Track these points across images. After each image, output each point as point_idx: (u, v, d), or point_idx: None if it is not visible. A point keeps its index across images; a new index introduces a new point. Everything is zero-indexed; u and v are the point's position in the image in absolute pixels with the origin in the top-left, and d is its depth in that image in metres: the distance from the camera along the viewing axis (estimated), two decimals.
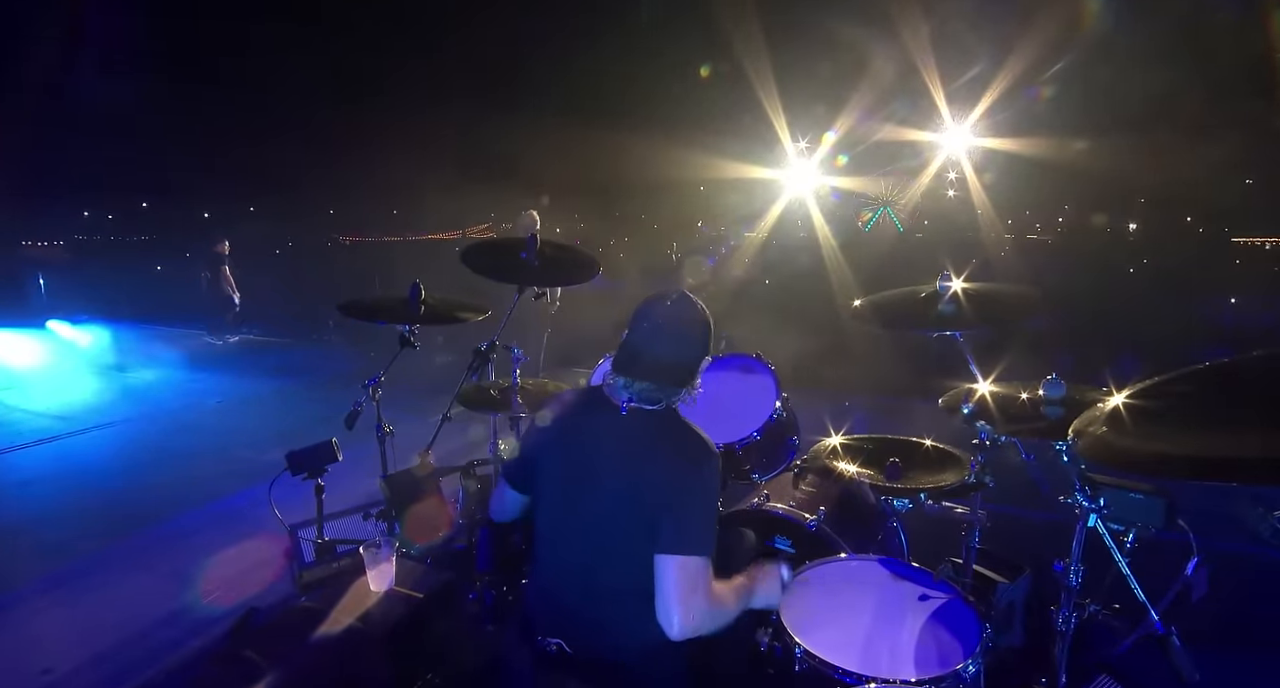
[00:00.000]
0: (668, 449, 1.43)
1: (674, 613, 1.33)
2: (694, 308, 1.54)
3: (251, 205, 22.90)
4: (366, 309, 2.41)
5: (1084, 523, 1.70)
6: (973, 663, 1.47)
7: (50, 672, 2.45)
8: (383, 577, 2.01)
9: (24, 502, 4.23)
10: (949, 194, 22.72)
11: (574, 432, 1.52)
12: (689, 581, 1.34)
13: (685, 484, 1.39)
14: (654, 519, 1.36)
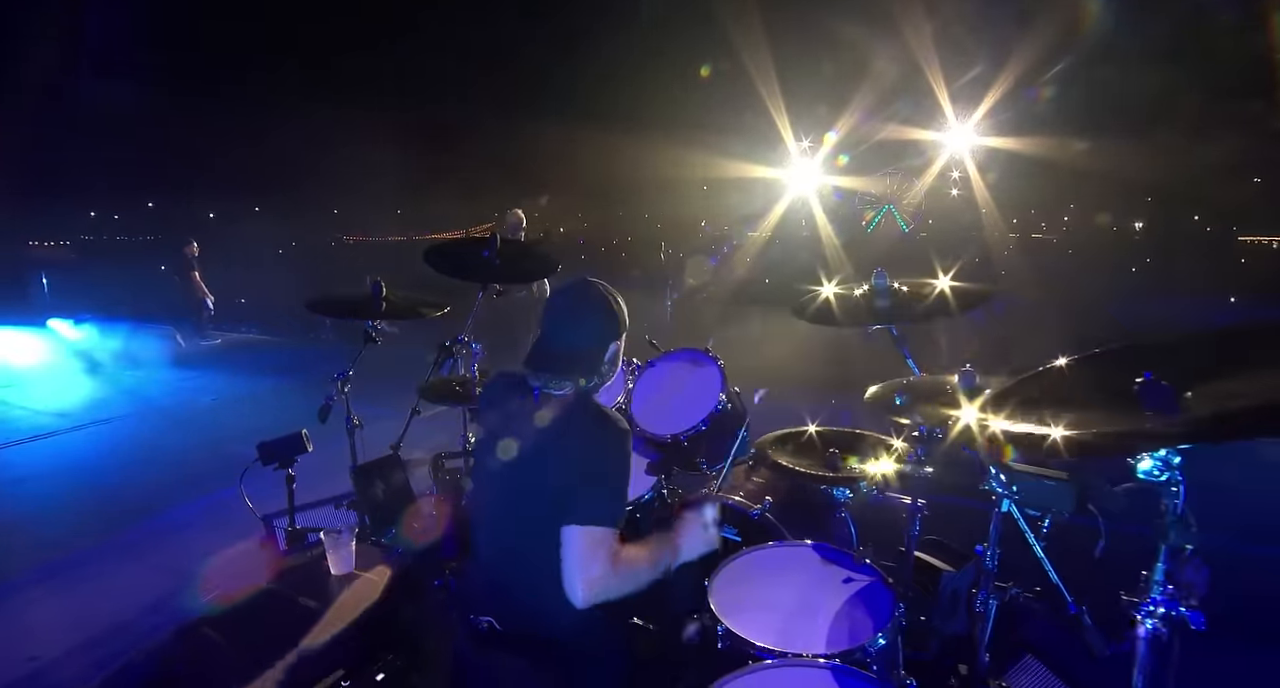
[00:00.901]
0: (577, 432, 1.51)
1: (577, 581, 1.41)
2: (590, 299, 1.61)
3: (256, 205, 23.07)
4: (332, 306, 2.51)
5: (999, 509, 1.78)
6: (882, 636, 1.55)
7: (36, 659, 2.56)
8: (342, 561, 2.11)
9: (20, 497, 4.36)
10: (952, 193, 22.65)
11: (498, 418, 1.61)
12: (590, 549, 1.42)
13: (593, 463, 1.47)
14: (566, 498, 1.44)
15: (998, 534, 1.80)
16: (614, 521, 1.46)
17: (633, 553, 1.50)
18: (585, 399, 1.57)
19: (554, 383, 1.55)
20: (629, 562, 1.48)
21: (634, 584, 1.49)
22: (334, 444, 2.71)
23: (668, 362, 2.45)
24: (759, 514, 2.22)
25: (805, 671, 1.44)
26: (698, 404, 2.24)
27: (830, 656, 1.49)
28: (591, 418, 1.51)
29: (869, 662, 1.52)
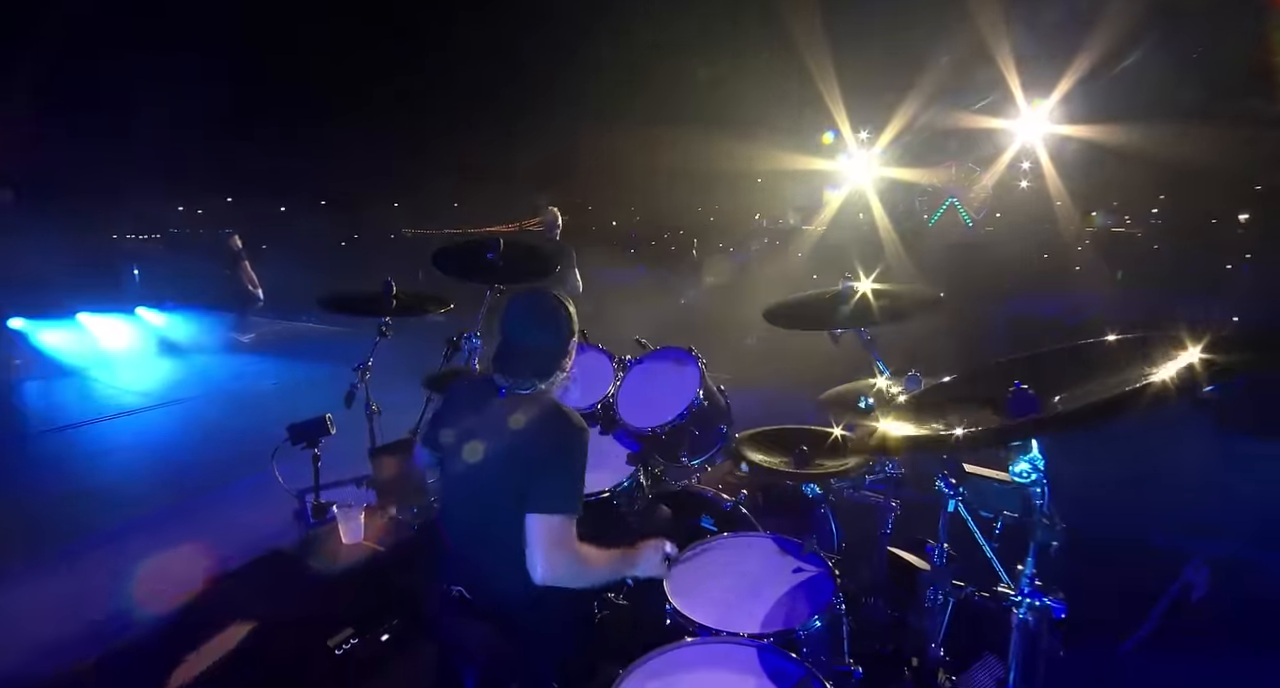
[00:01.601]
0: (537, 427, 1.67)
1: (538, 563, 1.59)
2: (548, 306, 1.78)
3: (322, 199, 24.21)
4: (345, 304, 2.76)
5: (946, 508, 1.84)
6: (818, 619, 1.66)
7: (109, 599, 2.94)
8: (351, 532, 2.36)
9: (105, 468, 4.90)
10: (1021, 185, 21.24)
11: (468, 411, 1.80)
12: (551, 536, 1.59)
13: (550, 456, 1.64)
14: (526, 485, 1.61)
15: (946, 532, 1.86)
16: (570, 509, 1.63)
17: (591, 552, 1.67)
18: (545, 398, 1.74)
19: (520, 383, 1.73)
20: (586, 557, 1.65)
21: (586, 579, 1.67)
22: (351, 426, 3.00)
23: (653, 359, 2.59)
24: (731, 506, 2.34)
25: (733, 648, 1.56)
26: (676, 400, 2.37)
27: (763, 636, 1.61)
28: (551, 415, 1.69)
29: (800, 644, 1.63)
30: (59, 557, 3.41)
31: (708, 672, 1.48)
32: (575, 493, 1.67)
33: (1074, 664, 2.04)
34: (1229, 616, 2.34)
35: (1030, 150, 17.96)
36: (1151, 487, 3.68)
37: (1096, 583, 2.56)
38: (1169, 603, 2.27)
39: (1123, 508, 3.39)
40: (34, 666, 2.50)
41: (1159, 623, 2.24)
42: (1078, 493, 3.36)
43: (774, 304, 2.18)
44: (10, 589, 3.09)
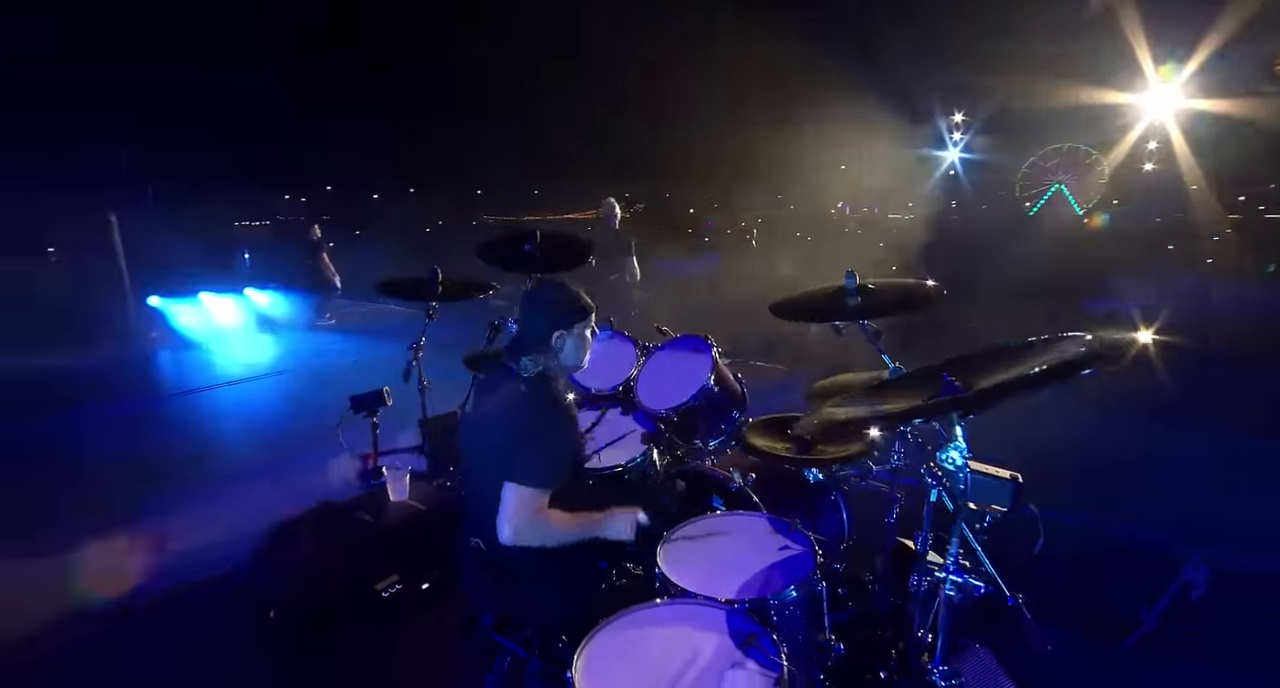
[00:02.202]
0: (524, 404, 1.89)
1: (504, 526, 1.81)
2: (543, 297, 1.99)
3: (411, 187, 25.53)
4: (397, 288, 3.07)
5: (929, 497, 1.89)
6: (794, 590, 1.77)
7: (203, 542, 3.43)
8: (397, 491, 2.67)
9: (215, 433, 5.59)
10: (1145, 168, 18.91)
11: (487, 389, 2.03)
12: (519, 504, 1.79)
13: (531, 432, 1.84)
14: (509, 457, 1.82)
15: (930, 520, 1.91)
16: (543, 483, 1.82)
17: (556, 516, 1.86)
18: (542, 381, 1.94)
19: (520, 365, 1.94)
20: (550, 521, 1.84)
21: (552, 541, 1.86)
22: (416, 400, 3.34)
23: (673, 347, 2.74)
24: (737, 487, 2.46)
25: (705, 610, 1.71)
26: (689, 384, 2.51)
27: (736, 602, 1.74)
28: (538, 396, 1.89)
29: (772, 612, 1.75)
30: (181, 501, 3.99)
31: (677, 628, 1.64)
32: (550, 468, 1.85)
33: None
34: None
35: (1159, 128, 15.86)
36: (1155, 485, 3.56)
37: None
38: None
39: (1124, 506, 3.28)
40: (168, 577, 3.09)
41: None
42: (1078, 492, 3.31)
43: (781, 298, 2.27)
44: (150, 521, 3.69)
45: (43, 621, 2.84)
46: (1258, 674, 2.17)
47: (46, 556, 3.33)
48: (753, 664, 1.48)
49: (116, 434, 5.42)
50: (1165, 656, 2.13)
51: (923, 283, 2.08)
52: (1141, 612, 2.30)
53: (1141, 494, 3.42)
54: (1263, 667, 2.19)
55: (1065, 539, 2.20)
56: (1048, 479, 3.26)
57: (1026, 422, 4.32)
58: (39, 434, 5.37)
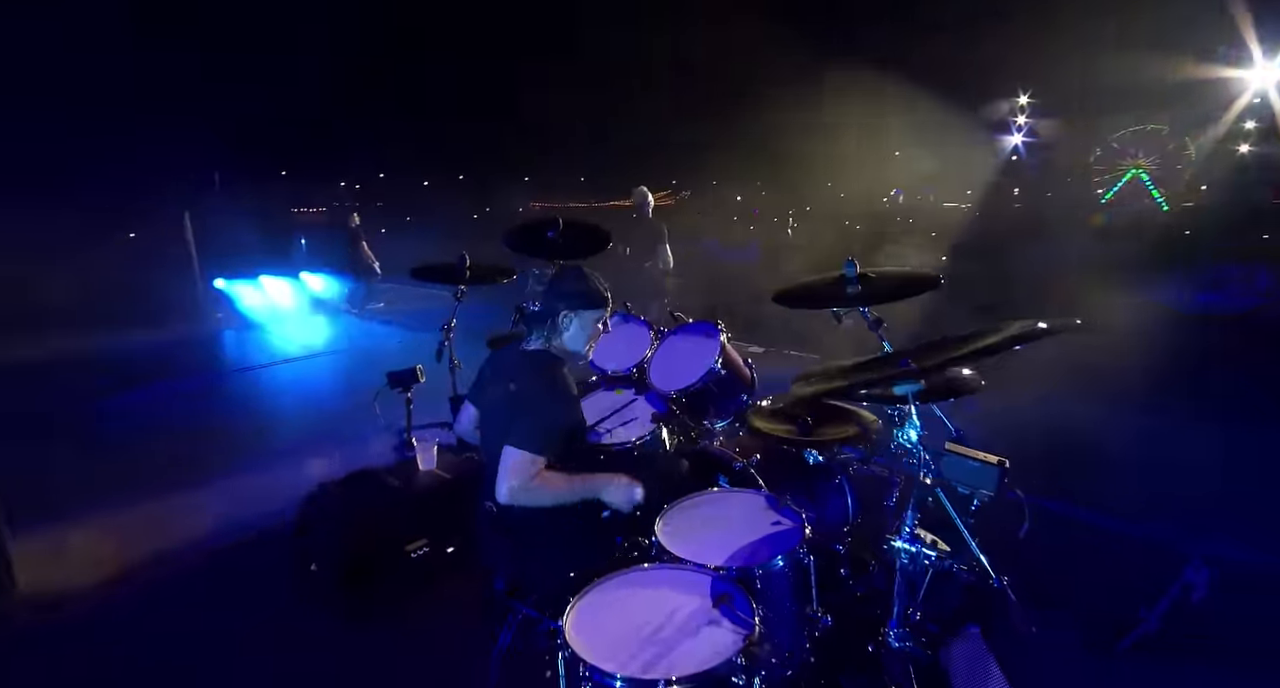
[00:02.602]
0: (528, 375, 2.05)
1: (502, 487, 1.96)
2: (558, 280, 2.15)
3: (460, 175, 26.09)
4: (429, 273, 3.26)
5: (916, 480, 1.96)
6: (781, 559, 1.88)
7: (274, 514, 3.73)
8: (425, 461, 2.89)
9: (274, 407, 6.00)
10: (1239, 150, 17.07)
11: (500, 362, 2.20)
12: (517, 467, 1.94)
13: (532, 400, 1.98)
14: (511, 422, 1.98)
15: (915, 501, 1.98)
16: (537, 449, 1.96)
17: (550, 478, 1.99)
18: (547, 356, 2.08)
19: (528, 340, 2.10)
20: (544, 483, 1.98)
21: (547, 500, 2.00)
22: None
23: (685, 331, 2.85)
24: (741, 466, 2.56)
25: (692, 574, 1.83)
26: (698, 367, 2.62)
27: (722, 568, 1.86)
28: (542, 368, 2.04)
29: (756, 580, 1.86)
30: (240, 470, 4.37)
31: (664, 589, 1.77)
32: (545, 435, 1.99)
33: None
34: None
35: (1260, 106, 14.25)
36: (1158, 480, 3.51)
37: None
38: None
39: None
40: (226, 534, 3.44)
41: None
42: (1066, 481, 3.27)
43: (784, 287, 2.35)
44: (213, 486, 4.09)
45: (126, 565, 3.23)
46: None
47: (128, 511, 3.75)
48: (726, 622, 1.60)
49: (188, 406, 5.92)
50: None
51: (924, 271, 2.12)
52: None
53: (1137, 485, 3.39)
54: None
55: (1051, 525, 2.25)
56: (1039, 468, 3.28)
57: (1028, 412, 4.31)
58: (121, 406, 5.90)
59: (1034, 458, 3.51)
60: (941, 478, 1.88)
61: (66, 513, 3.67)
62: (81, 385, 6.27)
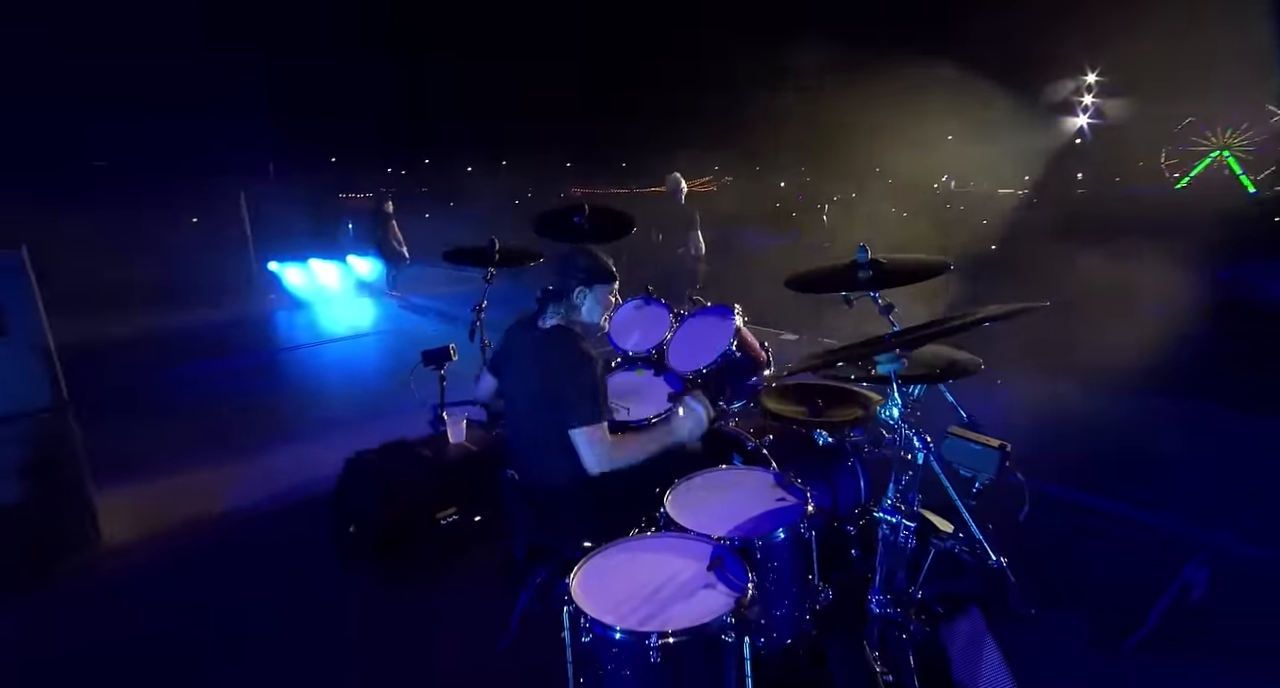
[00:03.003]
0: (554, 351, 2.16)
1: (590, 462, 2.10)
2: (569, 259, 2.27)
3: (504, 160, 26.45)
4: (461, 256, 3.41)
5: (918, 461, 2.00)
6: (782, 532, 1.96)
7: (317, 480, 3.97)
8: (455, 434, 3.05)
9: (322, 384, 6.32)
10: None
11: (517, 339, 2.32)
12: (590, 441, 2.08)
13: (570, 375, 2.11)
14: (554, 399, 2.09)
15: (918, 481, 2.02)
16: (596, 418, 2.10)
17: (625, 440, 2.15)
18: (567, 332, 2.20)
19: (544, 316, 2.22)
20: (622, 446, 2.13)
21: (630, 459, 2.14)
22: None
23: (704, 314, 2.92)
24: (754, 446, 2.64)
25: (695, 543, 1.93)
26: (713, 349, 2.70)
27: (724, 538, 1.95)
28: (564, 342, 2.15)
29: (756, 551, 1.95)
30: (288, 439, 4.69)
31: (666, 555, 1.88)
32: (596, 404, 2.12)
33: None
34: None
35: None
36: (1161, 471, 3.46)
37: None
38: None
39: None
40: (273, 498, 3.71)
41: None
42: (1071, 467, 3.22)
43: (796, 273, 2.40)
44: (258, 458, 4.38)
45: (191, 520, 3.56)
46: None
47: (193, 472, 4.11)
48: (721, 586, 1.70)
49: (243, 380, 6.30)
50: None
51: (931, 257, 2.14)
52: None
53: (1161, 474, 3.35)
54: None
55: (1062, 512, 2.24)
56: (1066, 457, 3.24)
57: (1067, 400, 4.23)
58: (185, 378, 6.33)
59: (1064, 447, 3.51)
60: (944, 460, 1.93)
61: (140, 474, 4.03)
62: (152, 359, 6.75)
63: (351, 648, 2.59)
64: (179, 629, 2.73)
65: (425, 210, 16.17)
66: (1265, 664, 2.14)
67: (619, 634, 1.56)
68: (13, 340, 2.97)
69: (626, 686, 1.58)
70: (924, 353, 2.05)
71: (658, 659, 1.54)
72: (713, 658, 1.59)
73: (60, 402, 3.13)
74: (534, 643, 2.34)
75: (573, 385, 2.10)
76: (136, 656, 2.58)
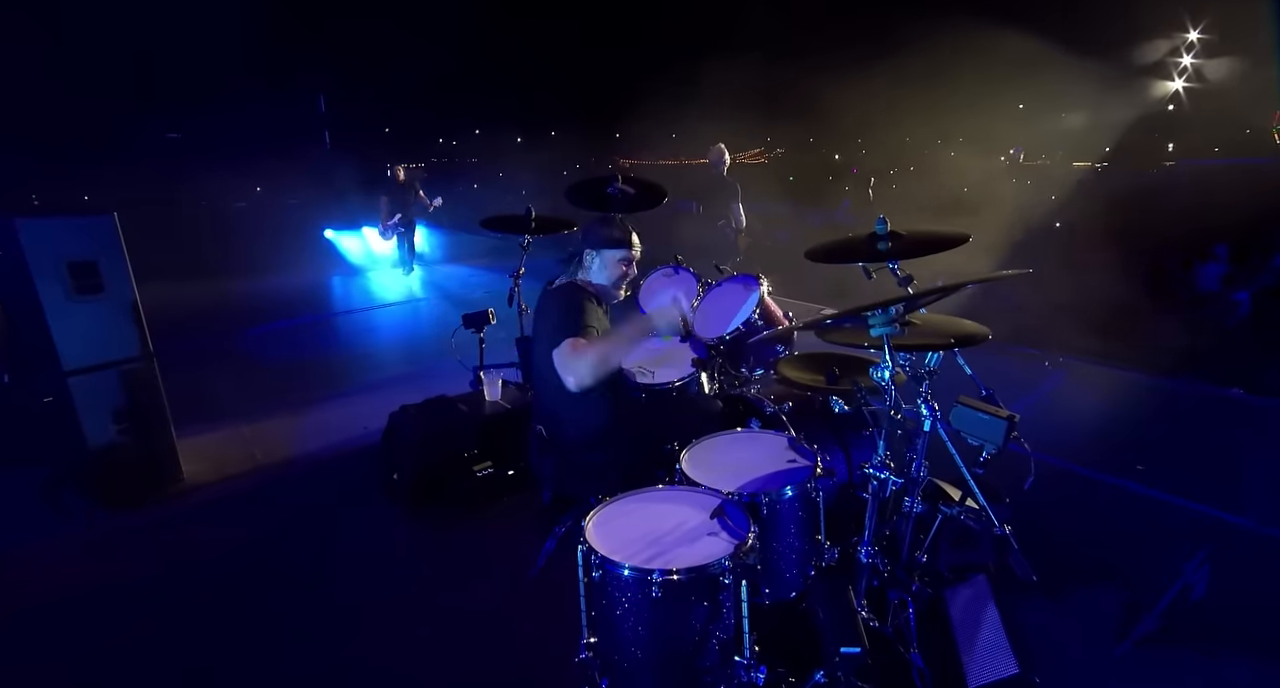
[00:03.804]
0: (555, 299, 2.34)
1: (567, 378, 2.16)
2: (591, 224, 2.43)
3: (552, 130, 26.52)
4: (498, 223, 3.56)
5: (924, 428, 2.05)
6: (790, 489, 2.06)
7: (367, 430, 4.29)
8: (490, 392, 3.25)
9: (371, 346, 6.69)
10: None
11: (539, 299, 2.48)
12: (562, 354, 2.16)
13: (559, 310, 2.27)
14: (552, 338, 2.23)
15: (925, 448, 2.08)
16: (569, 331, 2.18)
17: (594, 344, 2.17)
18: (570, 285, 2.38)
19: (563, 274, 2.37)
20: (588, 349, 2.15)
21: (607, 364, 2.15)
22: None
23: (730, 283, 3.00)
24: (772, 411, 2.73)
25: (705, 496, 2.05)
26: (736, 317, 2.79)
27: (732, 493, 2.07)
28: (566, 291, 2.33)
29: (762, 506, 2.06)
30: (343, 393, 5.04)
31: (676, 505, 2.01)
32: (572, 320, 2.21)
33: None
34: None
35: None
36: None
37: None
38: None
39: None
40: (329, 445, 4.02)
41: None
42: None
43: (817, 244, 2.44)
44: (316, 410, 4.74)
45: (258, 463, 3.90)
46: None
47: (259, 421, 4.49)
48: (724, 534, 1.82)
49: (302, 340, 6.73)
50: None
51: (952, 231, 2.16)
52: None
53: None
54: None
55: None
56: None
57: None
58: (251, 338, 6.80)
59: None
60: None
61: (214, 421, 4.42)
62: (220, 319, 7.28)
63: (394, 575, 2.86)
64: (245, 553, 3.05)
65: (475, 181, 16.52)
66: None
67: (626, 571, 1.71)
68: (107, 296, 3.29)
69: (630, 618, 1.73)
70: (935, 322, 2.09)
71: (659, 595, 1.68)
72: (710, 598, 1.73)
73: (147, 352, 3.47)
74: (556, 581, 2.54)
75: (558, 314, 2.25)
76: (207, 571, 2.93)
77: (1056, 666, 2.12)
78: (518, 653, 2.40)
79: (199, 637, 2.54)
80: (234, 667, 2.41)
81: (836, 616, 1.76)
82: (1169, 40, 16.21)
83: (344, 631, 2.54)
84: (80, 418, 3.27)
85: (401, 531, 3.17)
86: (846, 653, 1.65)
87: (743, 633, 1.76)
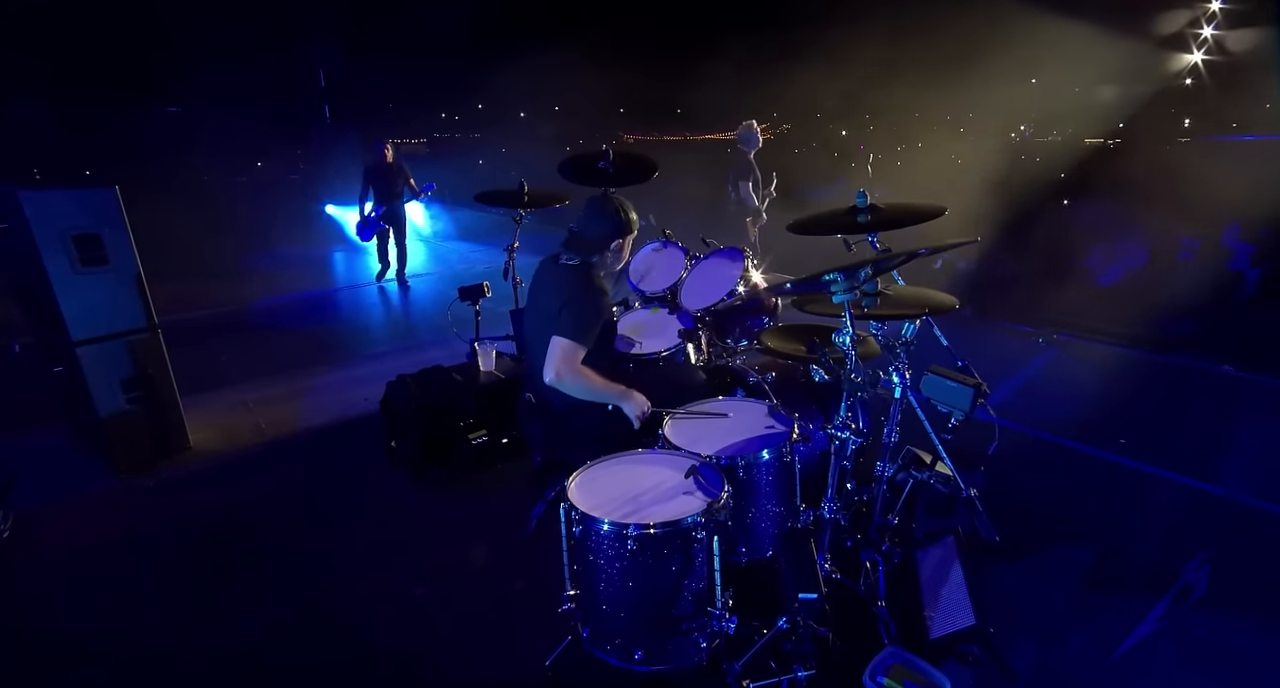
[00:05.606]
0: (570, 285, 2.36)
1: (549, 370, 2.29)
2: (602, 206, 2.40)
3: (555, 105, 26.23)
4: (492, 198, 3.62)
5: (895, 396, 2.14)
6: (767, 452, 2.15)
7: (367, 400, 4.40)
8: (484, 363, 3.34)
9: (378, 319, 6.77)
10: None
11: (540, 275, 2.53)
12: (562, 352, 2.27)
13: (575, 299, 2.31)
14: (559, 314, 2.30)
15: (897, 415, 2.17)
16: (580, 339, 2.28)
17: (589, 374, 2.32)
18: (585, 268, 2.39)
19: (568, 256, 2.41)
20: (583, 375, 2.30)
21: (581, 393, 2.32)
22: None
23: (716, 256, 3.06)
24: (756, 381, 2.81)
25: (683, 458, 2.15)
26: (721, 290, 2.86)
27: (711, 457, 2.16)
28: (579, 276, 2.35)
29: (738, 469, 2.15)
30: (344, 364, 5.15)
31: (656, 467, 2.11)
32: (587, 329, 2.31)
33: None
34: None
35: None
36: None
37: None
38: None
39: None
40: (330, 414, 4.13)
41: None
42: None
43: (800, 218, 2.49)
44: (321, 376, 4.86)
45: (263, 430, 4.00)
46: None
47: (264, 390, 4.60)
48: (699, 493, 1.92)
49: (305, 313, 6.83)
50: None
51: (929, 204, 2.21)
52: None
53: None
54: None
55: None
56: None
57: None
58: (254, 311, 6.91)
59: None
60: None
61: (220, 391, 4.54)
62: (228, 293, 7.38)
63: (394, 536, 2.99)
64: (251, 514, 3.18)
65: (479, 156, 16.41)
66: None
67: (605, 526, 1.82)
68: (112, 268, 3.38)
69: (608, 569, 1.84)
70: (905, 293, 2.16)
71: (634, 548, 1.79)
72: (684, 551, 1.83)
73: (152, 324, 3.56)
74: (547, 542, 2.65)
75: (574, 305, 2.31)
76: (215, 528, 3.07)
77: (1011, 617, 2.23)
78: (510, 606, 2.53)
79: (206, 588, 2.69)
80: (241, 613, 2.54)
81: (797, 566, 1.87)
82: (1189, 10, 15.77)
83: (347, 585, 2.67)
84: (89, 388, 3.38)
85: (401, 495, 3.29)
86: (805, 598, 1.76)
87: (715, 586, 1.86)
